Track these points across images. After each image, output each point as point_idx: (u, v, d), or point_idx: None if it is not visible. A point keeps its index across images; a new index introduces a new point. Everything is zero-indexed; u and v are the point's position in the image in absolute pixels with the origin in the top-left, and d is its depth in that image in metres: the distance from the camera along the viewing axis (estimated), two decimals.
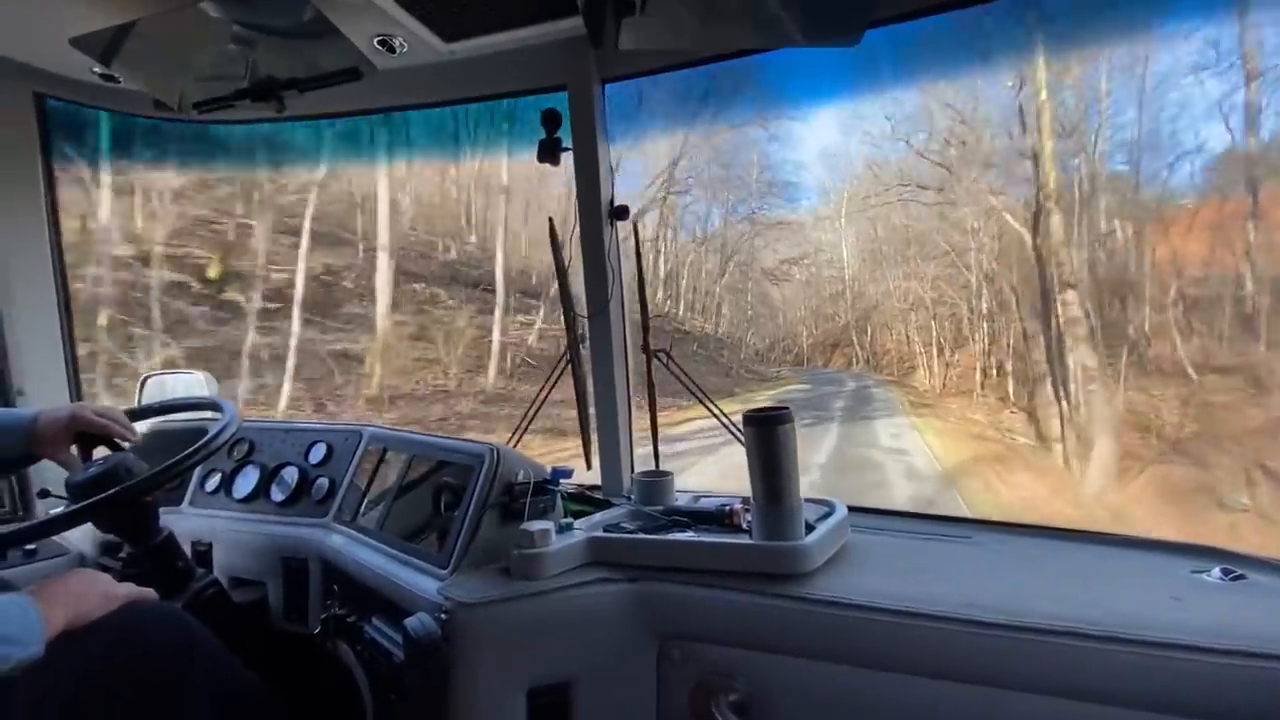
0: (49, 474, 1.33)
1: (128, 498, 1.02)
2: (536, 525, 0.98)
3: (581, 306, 1.40)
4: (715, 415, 1.37)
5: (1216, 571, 0.91)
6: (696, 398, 1.42)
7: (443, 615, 0.93)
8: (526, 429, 1.48)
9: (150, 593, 0.99)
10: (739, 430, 1.01)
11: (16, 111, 1.48)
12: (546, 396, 1.49)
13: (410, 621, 0.93)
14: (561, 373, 1.44)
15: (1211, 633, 0.72)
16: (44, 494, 1.25)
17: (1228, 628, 0.73)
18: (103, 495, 0.99)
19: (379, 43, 1.27)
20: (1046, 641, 0.75)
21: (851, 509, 1.12)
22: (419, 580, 1.04)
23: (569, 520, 1.06)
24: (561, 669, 0.96)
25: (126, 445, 1.16)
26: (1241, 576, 0.89)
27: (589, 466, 1.42)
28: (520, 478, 1.10)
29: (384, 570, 1.11)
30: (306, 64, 1.26)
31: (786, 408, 0.95)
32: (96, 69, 1.36)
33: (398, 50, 1.29)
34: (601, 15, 1.03)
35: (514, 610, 0.93)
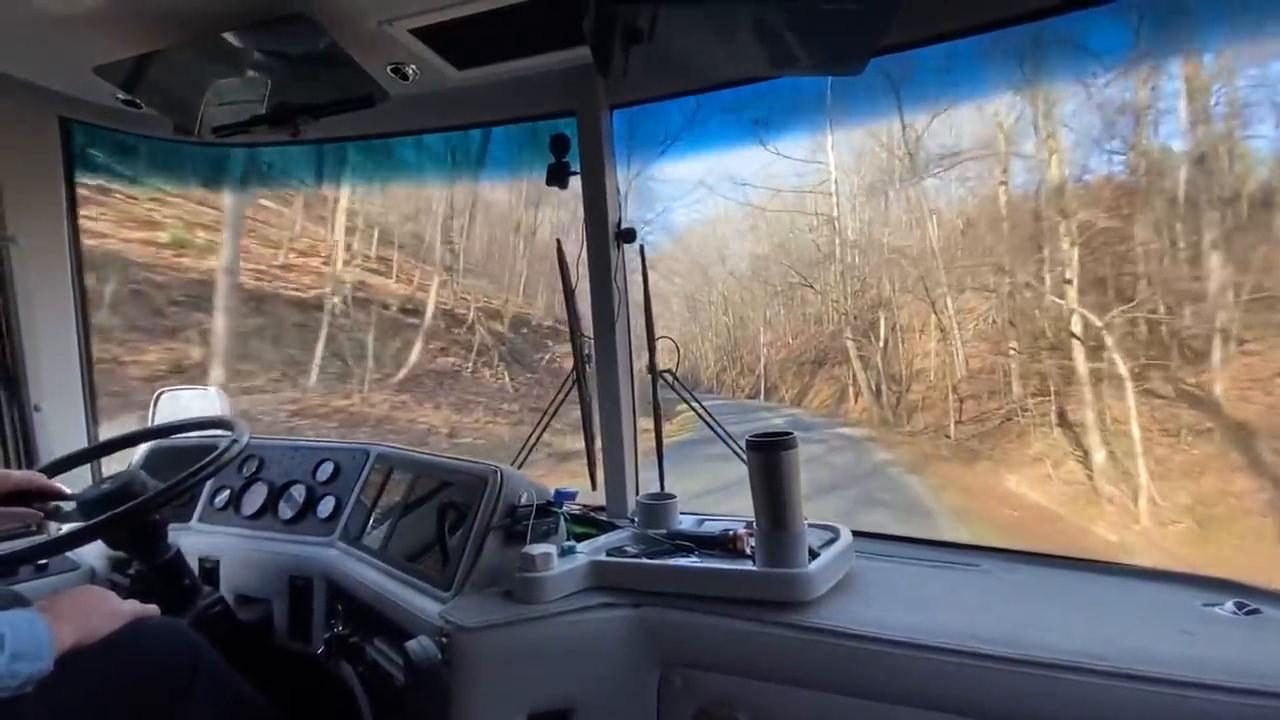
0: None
1: (137, 515, 1.03)
2: (538, 549, 0.98)
3: (587, 327, 1.41)
4: (721, 438, 1.37)
5: (1229, 605, 0.89)
6: (702, 418, 1.42)
7: (443, 638, 0.93)
8: (531, 450, 1.48)
9: (155, 610, 1.00)
10: (744, 452, 1.01)
11: (42, 135, 1.52)
12: (552, 417, 1.49)
13: (411, 644, 0.93)
14: (568, 392, 1.45)
15: (1224, 670, 0.70)
16: (55, 510, 1.27)
17: (1241, 665, 0.71)
18: (112, 513, 1.01)
19: (392, 70, 1.30)
20: (1053, 676, 0.74)
21: (856, 534, 1.11)
22: (421, 602, 1.04)
23: (571, 543, 1.06)
24: (562, 694, 0.96)
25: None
26: (1256, 611, 0.87)
27: (594, 487, 1.42)
28: (523, 500, 1.10)
29: (387, 591, 1.11)
30: (322, 91, 1.29)
31: (790, 433, 0.95)
32: (119, 95, 1.40)
33: (411, 78, 1.32)
34: (609, 44, 1.05)
35: (515, 634, 0.93)
